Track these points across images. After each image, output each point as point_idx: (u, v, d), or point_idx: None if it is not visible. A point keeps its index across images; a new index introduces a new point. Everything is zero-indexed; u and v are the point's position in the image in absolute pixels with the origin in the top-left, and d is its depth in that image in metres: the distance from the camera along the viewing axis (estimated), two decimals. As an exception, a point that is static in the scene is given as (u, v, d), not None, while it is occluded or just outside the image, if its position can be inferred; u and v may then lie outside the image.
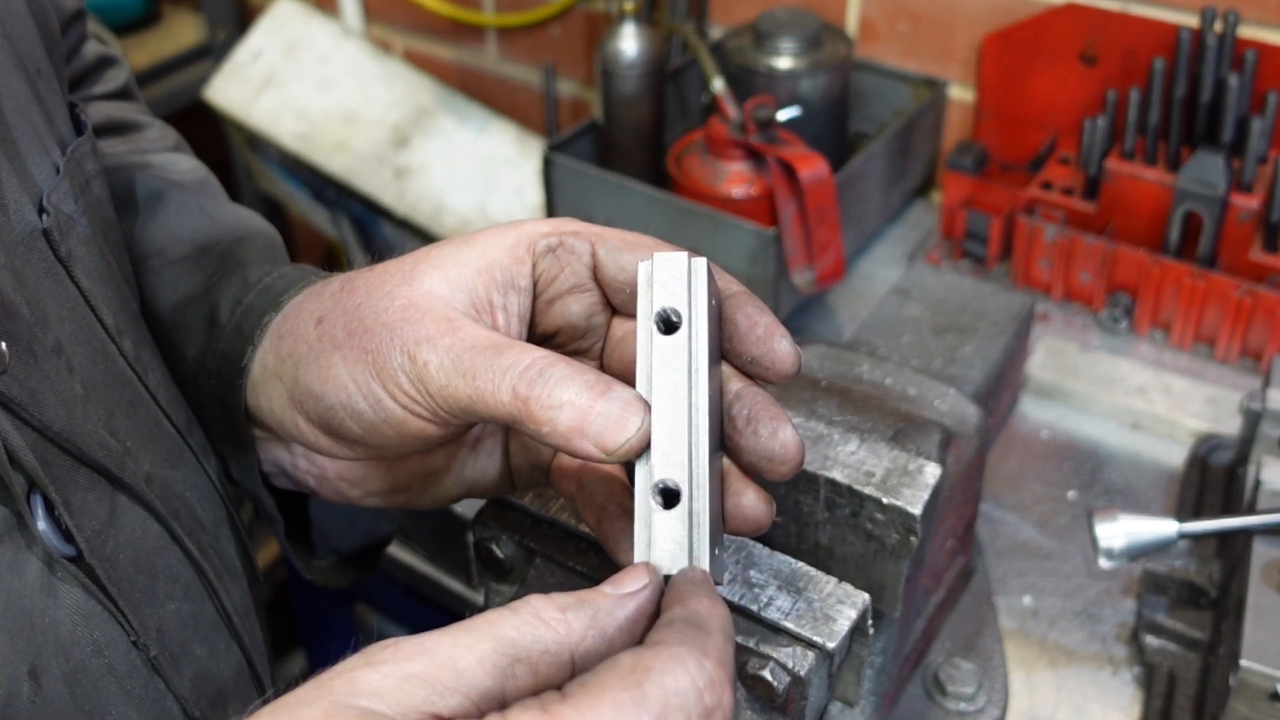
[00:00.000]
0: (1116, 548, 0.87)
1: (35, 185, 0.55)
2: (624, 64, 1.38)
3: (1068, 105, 1.35)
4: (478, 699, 0.42)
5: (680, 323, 0.51)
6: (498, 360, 0.51)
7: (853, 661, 0.65)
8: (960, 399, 0.90)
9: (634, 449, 0.49)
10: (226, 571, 0.64)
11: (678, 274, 0.51)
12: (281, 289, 0.64)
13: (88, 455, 0.52)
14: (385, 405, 0.54)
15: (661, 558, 0.48)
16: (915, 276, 1.13)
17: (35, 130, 0.57)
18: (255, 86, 1.88)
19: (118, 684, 0.53)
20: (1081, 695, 0.92)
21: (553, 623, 0.44)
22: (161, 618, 0.56)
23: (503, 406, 0.50)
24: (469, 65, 1.91)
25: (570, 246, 0.56)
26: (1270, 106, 1.16)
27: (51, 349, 0.52)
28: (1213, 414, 1.15)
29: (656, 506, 0.49)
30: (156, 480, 0.58)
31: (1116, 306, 1.25)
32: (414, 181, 1.76)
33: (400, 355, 0.53)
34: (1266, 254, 1.18)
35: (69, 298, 0.55)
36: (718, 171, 1.27)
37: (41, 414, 0.50)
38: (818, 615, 0.60)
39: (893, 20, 1.46)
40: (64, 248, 0.56)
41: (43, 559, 0.50)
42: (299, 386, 0.58)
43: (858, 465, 0.71)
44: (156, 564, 0.57)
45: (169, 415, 0.62)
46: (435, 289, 0.55)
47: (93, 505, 0.53)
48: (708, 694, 0.42)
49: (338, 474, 0.63)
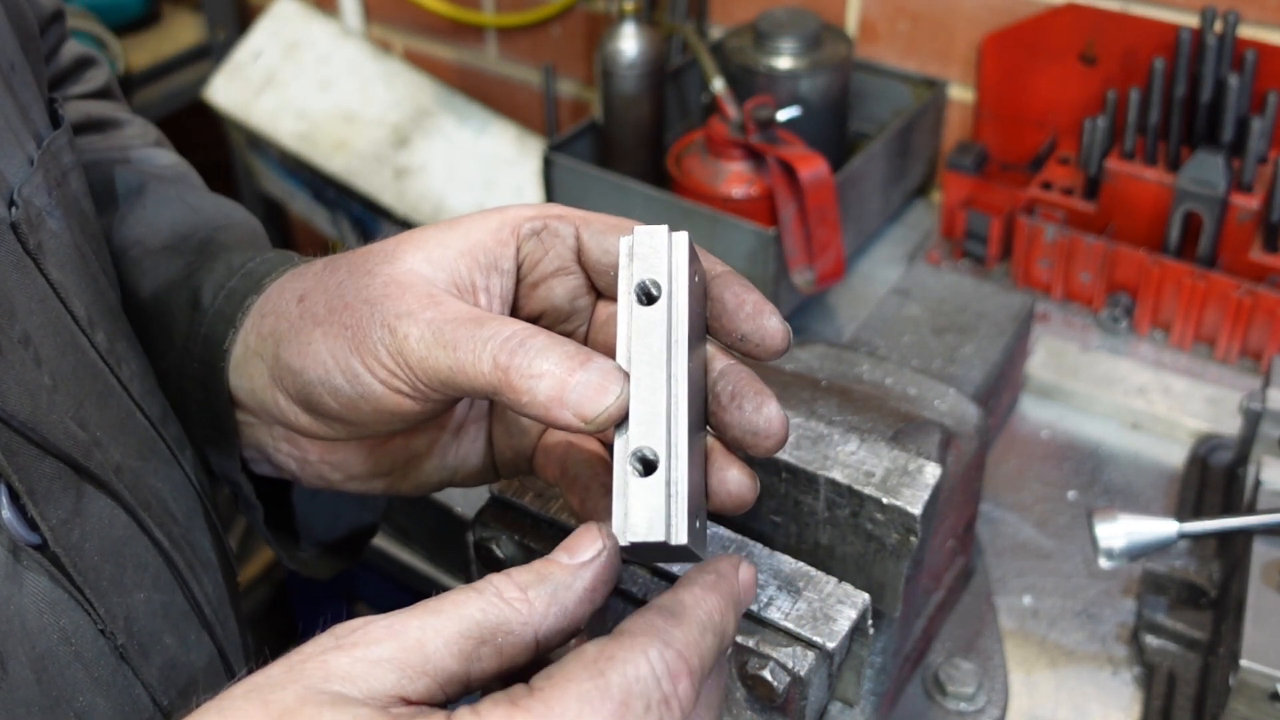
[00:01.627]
0: (1116, 548, 0.87)
1: (5, 180, 0.55)
2: (624, 64, 1.38)
3: (1068, 105, 1.35)
4: (444, 682, 0.43)
5: (660, 295, 0.51)
6: (479, 331, 0.51)
7: (853, 661, 0.65)
8: (960, 399, 0.90)
9: (612, 417, 0.49)
10: (199, 562, 0.64)
11: (658, 246, 0.52)
12: (264, 273, 0.64)
13: (53, 445, 0.52)
14: (363, 380, 0.54)
15: (638, 526, 0.48)
16: (915, 276, 1.13)
17: (8, 123, 0.57)
18: (255, 86, 1.88)
19: (85, 671, 0.53)
20: (1081, 695, 0.92)
21: (515, 603, 0.45)
22: (130, 606, 0.56)
23: (483, 376, 0.51)
24: (469, 65, 1.91)
25: (554, 230, 0.57)
26: (1270, 106, 1.16)
27: (18, 340, 0.52)
28: (1213, 414, 1.15)
29: (633, 474, 0.49)
30: (126, 471, 0.59)
31: (1116, 306, 1.25)
32: (414, 181, 1.76)
33: (380, 329, 0.54)
34: (1266, 254, 1.18)
35: (38, 290, 0.56)
36: (718, 171, 1.27)
37: (5, 404, 0.50)
38: (818, 615, 0.60)
39: (893, 20, 1.46)
40: (33, 240, 0.56)
41: (7, 546, 0.50)
42: (279, 363, 0.58)
43: (858, 465, 0.71)
44: (124, 553, 0.57)
45: (142, 407, 0.62)
46: (417, 267, 0.55)
47: (58, 494, 0.53)
48: (665, 682, 0.43)
49: (319, 457, 0.63)
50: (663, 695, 0.43)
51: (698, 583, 0.48)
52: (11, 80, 0.59)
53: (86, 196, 0.65)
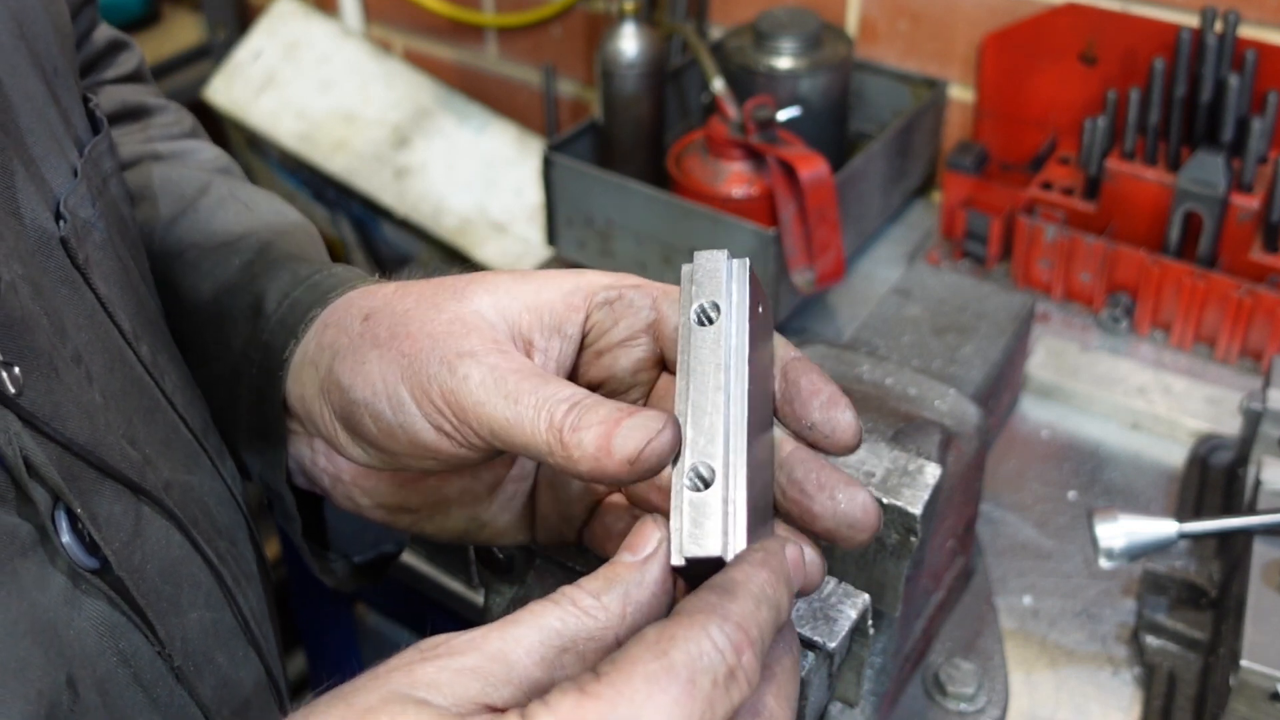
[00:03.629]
0: (1116, 548, 0.87)
1: (51, 191, 0.55)
2: (624, 64, 1.38)
3: (1068, 105, 1.35)
4: (529, 690, 0.43)
5: (718, 317, 0.51)
6: (543, 388, 0.51)
7: (853, 662, 0.65)
8: (960, 399, 0.90)
9: (661, 455, 0.48)
10: (244, 576, 0.63)
11: (715, 270, 0.51)
12: (330, 287, 0.64)
13: (111, 466, 0.52)
14: (407, 410, 0.54)
15: (693, 542, 0.47)
16: (915, 276, 1.13)
17: (53, 133, 0.56)
18: (255, 86, 1.88)
19: (145, 693, 0.53)
20: (1081, 695, 0.92)
21: (591, 610, 0.45)
22: (185, 626, 0.56)
23: (539, 435, 0.50)
24: (469, 65, 1.91)
25: (629, 300, 0.56)
26: (1270, 106, 1.16)
27: (71, 359, 0.52)
28: (1213, 414, 1.15)
29: (688, 490, 0.48)
30: (175, 487, 0.58)
31: (1117, 306, 1.25)
32: (414, 181, 1.76)
33: (438, 365, 0.53)
34: (1267, 254, 1.18)
35: (86, 305, 0.55)
36: (718, 171, 1.27)
37: (65, 427, 0.49)
38: (818, 615, 0.60)
39: (893, 20, 1.46)
40: (81, 254, 0.55)
41: (66, 572, 0.49)
42: (330, 376, 0.58)
43: (858, 465, 0.71)
44: (181, 573, 0.56)
45: (185, 419, 0.62)
46: (484, 311, 0.55)
47: (119, 517, 0.52)
48: (729, 654, 0.43)
49: (352, 479, 0.63)
50: (728, 669, 0.43)
51: (747, 560, 0.47)
52: (55, 85, 0.58)
53: (125, 201, 0.64)
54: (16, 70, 0.54)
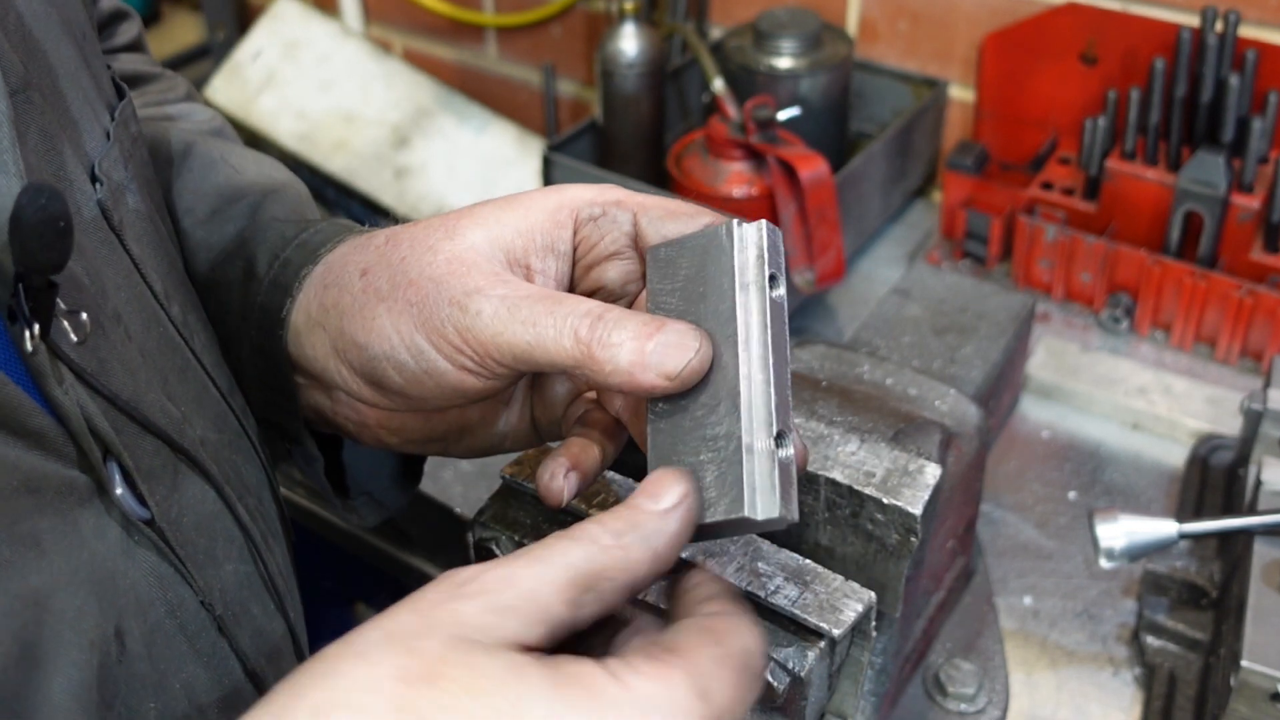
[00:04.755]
0: (1117, 548, 0.87)
1: (87, 155, 0.55)
2: (624, 64, 1.38)
3: (1068, 105, 1.35)
4: (556, 629, 0.45)
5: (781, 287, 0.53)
6: (558, 308, 0.53)
7: (852, 669, 0.65)
8: (960, 399, 0.90)
9: (695, 370, 0.51)
10: (270, 533, 0.65)
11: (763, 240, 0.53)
12: (318, 243, 0.65)
13: (152, 422, 0.53)
14: (429, 356, 0.56)
15: (759, 502, 0.49)
16: (915, 276, 1.13)
17: (86, 97, 0.57)
18: (255, 86, 1.88)
19: (189, 643, 0.54)
20: (1082, 696, 0.92)
21: (613, 550, 0.46)
22: (222, 578, 0.57)
23: (565, 351, 0.52)
24: (469, 65, 1.91)
25: (613, 217, 0.58)
26: (1271, 106, 1.16)
27: (112, 318, 0.53)
28: (1213, 414, 1.15)
29: (763, 451, 0.50)
30: (209, 445, 0.59)
31: (1117, 307, 1.25)
32: (414, 181, 1.76)
33: (448, 307, 0.55)
34: (1267, 254, 1.18)
35: (123, 266, 0.56)
36: (718, 171, 1.27)
37: (110, 383, 0.50)
38: (824, 606, 0.61)
39: (893, 20, 1.46)
40: (116, 216, 0.56)
41: (120, 523, 0.51)
42: (343, 336, 0.59)
43: (858, 465, 0.71)
44: (215, 527, 0.58)
45: (214, 379, 0.63)
46: (478, 245, 0.57)
47: (159, 471, 0.54)
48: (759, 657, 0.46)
49: (378, 422, 0.64)
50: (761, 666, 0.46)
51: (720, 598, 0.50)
52: (85, 50, 0.59)
53: (149, 163, 0.65)
54: (51, 35, 0.55)
